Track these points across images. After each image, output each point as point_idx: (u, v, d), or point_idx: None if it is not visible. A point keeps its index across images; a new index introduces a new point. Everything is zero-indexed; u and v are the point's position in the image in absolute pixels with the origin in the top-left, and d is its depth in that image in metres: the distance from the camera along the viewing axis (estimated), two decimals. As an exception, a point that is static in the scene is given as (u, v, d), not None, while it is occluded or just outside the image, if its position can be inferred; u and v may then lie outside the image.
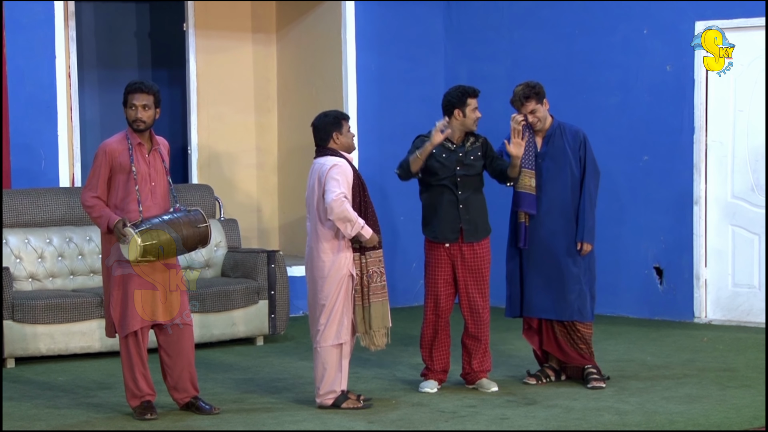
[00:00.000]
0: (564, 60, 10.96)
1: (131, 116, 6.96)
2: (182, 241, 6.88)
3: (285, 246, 11.97)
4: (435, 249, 7.64)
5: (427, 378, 7.72)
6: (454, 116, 7.65)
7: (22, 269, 9.14)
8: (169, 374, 7.07)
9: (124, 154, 6.92)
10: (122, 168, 6.91)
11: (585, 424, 6.72)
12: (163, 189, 7.02)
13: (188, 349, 7.07)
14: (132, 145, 6.93)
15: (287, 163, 12.08)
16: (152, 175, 6.97)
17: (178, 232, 6.86)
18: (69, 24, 10.62)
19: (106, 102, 12.21)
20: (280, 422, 6.85)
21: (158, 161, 7.03)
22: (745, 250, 10.12)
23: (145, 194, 6.92)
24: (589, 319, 7.80)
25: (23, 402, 7.44)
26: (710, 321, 10.28)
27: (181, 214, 6.94)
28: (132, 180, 6.89)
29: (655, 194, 10.52)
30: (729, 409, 7.06)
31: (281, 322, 9.60)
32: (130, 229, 6.74)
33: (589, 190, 7.79)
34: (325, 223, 7.07)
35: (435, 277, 7.63)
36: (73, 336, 8.80)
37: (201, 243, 7.00)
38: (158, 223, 6.83)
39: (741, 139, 10.12)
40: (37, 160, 9.87)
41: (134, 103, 6.95)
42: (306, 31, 11.80)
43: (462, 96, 7.64)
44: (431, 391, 7.60)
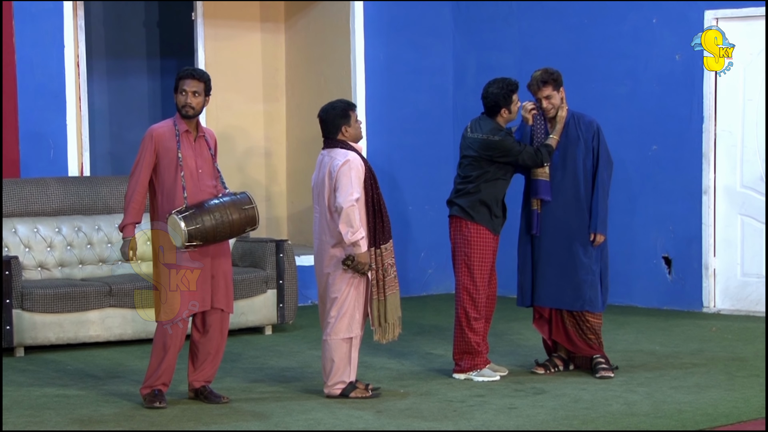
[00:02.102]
0: (573, 49, 10.94)
1: (181, 101, 6.99)
2: (229, 225, 6.90)
3: (293, 235, 11.97)
4: (491, 241, 7.69)
5: (486, 365, 7.73)
6: (500, 114, 7.65)
7: (32, 258, 9.16)
8: (195, 354, 7.11)
9: (171, 140, 6.95)
10: (168, 153, 6.94)
11: (593, 414, 6.72)
12: (209, 176, 7.04)
13: (220, 336, 7.13)
14: (179, 131, 6.96)
15: (296, 152, 12.08)
16: (198, 162, 7.00)
17: (224, 215, 6.87)
18: (78, 13, 10.62)
19: (114, 91, 12.22)
20: (288, 411, 6.87)
21: (204, 148, 7.05)
22: (754, 240, 10.10)
23: (191, 181, 6.94)
24: (599, 309, 7.79)
25: (33, 390, 7.46)
26: (719, 311, 10.27)
27: (227, 198, 6.96)
28: (178, 165, 6.92)
29: (664, 184, 10.50)
30: (737, 398, 7.05)
31: (290, 311, 9.61)
32: (175, 217, 6.77)
33: (602, 181, 7.77)
34: (334, 216, 7.06)
35: (488, 265, 7.68)
36: (82, 325, 8.82)
37: (249, 225, 7.02)
38: (204, 208, 6.84)
39: (750, 128, 10.09)
40: (46, 150, 9.88)
41: (185, 88, 6.98)
42: (314, 20, 11.80)
43: (508, 91, 7.64)
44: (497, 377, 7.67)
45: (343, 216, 6.96)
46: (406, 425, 6.55)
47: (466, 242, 7.66)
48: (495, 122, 7.69)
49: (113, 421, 6.67)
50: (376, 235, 7.10)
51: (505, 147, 7.61)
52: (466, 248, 7.66)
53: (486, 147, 7.61)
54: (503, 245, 7.95)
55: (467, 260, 7.66)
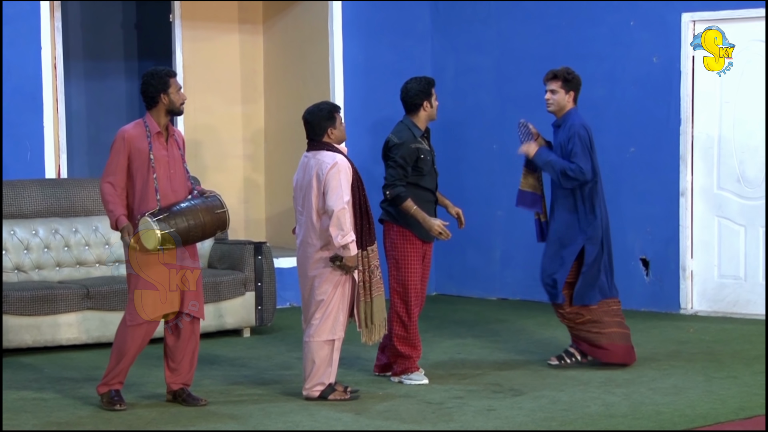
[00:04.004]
0: (551, 51, 10.95)
1: (181, 98, 7.00)
2: (202, 228, 6.90)
3: (272, 237, 11.96)
4: (418, 246, 7.65)
5: (418, 369, 7.73)
6: (422, 108, 7.64)
7: (8, 261, 9.12)
8: (171, 357, 7.10)
9: (143, 141, 6.93)
10: (140, 154, 6.92)
11: (571, 415, 6.74)
12: (180, 176, 7.03)
13: (193, 340, 7.12)
14: (150, 133, 6.94)
15: (274, 154, 12.07)
16: (170, 162, 6.99)
17: (197, 219, 6.87)
18: (55, 15, 10.58)
19: (92, 93, 12.17)
20: (267, 413, 6.86)
21: (175, 149, 7.05)
22: (731, 242, 10.15)
23: (163, 182, 6.92)
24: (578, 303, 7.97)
25: (10, 393, 7.42)
26: (696, 312, 10.31)
27: (199, 200, 6.95)
28: (150, 167, 6.89)
29: (642, 186, 10.53)
30: (715, 399, 7.08)
31: (268, 313, 9.60)
32: (148, 219, 6.74)
33: (571, 163, 7.84)
34: (323, 219, 7.05)
35: (417, 270, 7.66)
36: (60, 327, 8.78)
37: (220, 228, 7.03)
38: (176, 210, 6.83)
39: (727, 130, 10.13)
40: (23, 152, 9.84)
41: (178, 87, 7.00)
42: (293, 22, 11.78)
43: (428, 86, 7.66)
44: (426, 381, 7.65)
45: (334, 219, 6.94)
46: (385, 427, 6.55)
47: (393, 246, 7.64)
48: (412, 123, 7.66)
49: (91, 424, 6.65)
50: (363, 236, 7.10)
51: (396, 151, 7.54)
52: (394, 252, 7.63)
53: (387, 147, 7.64)
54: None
55: (396, 264, 7.62)
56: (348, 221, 6.97)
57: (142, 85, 7.01)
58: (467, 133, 11.49)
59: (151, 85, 6.97)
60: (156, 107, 6.99)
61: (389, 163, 7.57)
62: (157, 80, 6.97)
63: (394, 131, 7.66)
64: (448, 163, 11.39)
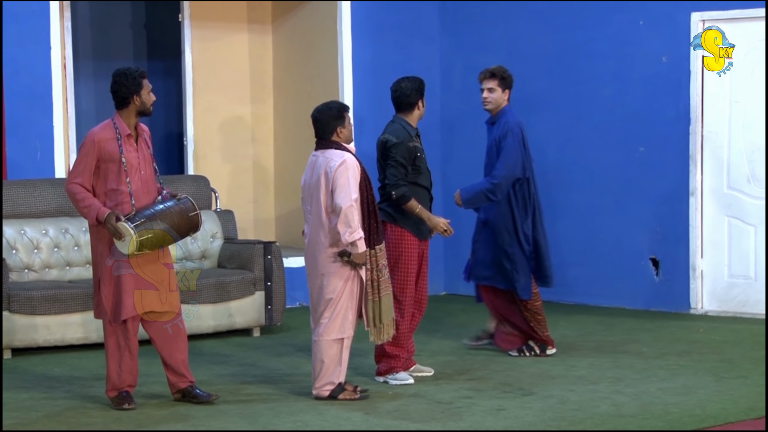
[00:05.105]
0: (559, 51, 10.95)
1: (152, 99, 6.95)
2: (177, 231, 6.92)
3: (281, 237, 11.96)
4: (415, 245, 7.66)
5: (406, 368, 7.72)
6: (417, 107, 7.68)
7: (19, 260, 9.13)
8: (163, 358, 7.10)
9: (113, 143, 6.87)
10: (111, 157, 6.86)
11: (581, 415, 6.73)
12: (151, 177, 7.00)
13: (182, 343, 7.10)
14: (120, 135, 6.89)
15: (283, 153, 12.07)
16: (141, 164, 6.95)
17: (171, 222, 6.87)
18: (64, 15, 10.60)
19: (101, 93, 12.17)
20: (276, 413, 6.86)
21: (144, 149, 7.01)
22: (741, 241, 10.13)
23: (135, 184, 6.89)
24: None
25: (20, 393, 7.44)
26: (706, 312, 10.29)
27: (172, 203, 6.95)
28: (122, 170, 6.86)
29: (651, 186, 10.52)
30: (725, 399, 7.07)
31: (278, 313, 9.60)
32: (126, 225, 6.73)
33: (493, 174, 8.05)
34: (331, 217, 7.05)
35: (414, 269, 7.69)
36: (70, 327, 8.79)
37: (192, 230, 7.06)
38: (151, 214, 6.83)
39: (737, 130, 10.12)
40: (33, 151, 9.86)
41: (150, 88, 6.95)
42: (301, 21, 11.79)
43: (422, 85, 7.71)
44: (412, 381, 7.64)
45: (342, 216, 6.95)
46: (394, 427, 6.55)
47: (390, 245, 7.62)
48: (406, 123, 7.67)
49: (100, 424, 6.66)
50: (371, 235, 7.10)
51: (395, 150, 7.57)
52: (391, 251, 7.62)
53: (384, 147, 7.64)
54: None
55: (393, 263, 7.61)
56: (356, 218, 6.97)
57: (114, 84, 6.90)
58: (475, 132, 11.46)
59: (124, 86, 6.88)
60: (127, 108, 6.92)
61: (390, 162, 7.58)
62: (131, 81, 6.88)
63: (389, 131, 7.67)
64: (456, 163, 11.39)
